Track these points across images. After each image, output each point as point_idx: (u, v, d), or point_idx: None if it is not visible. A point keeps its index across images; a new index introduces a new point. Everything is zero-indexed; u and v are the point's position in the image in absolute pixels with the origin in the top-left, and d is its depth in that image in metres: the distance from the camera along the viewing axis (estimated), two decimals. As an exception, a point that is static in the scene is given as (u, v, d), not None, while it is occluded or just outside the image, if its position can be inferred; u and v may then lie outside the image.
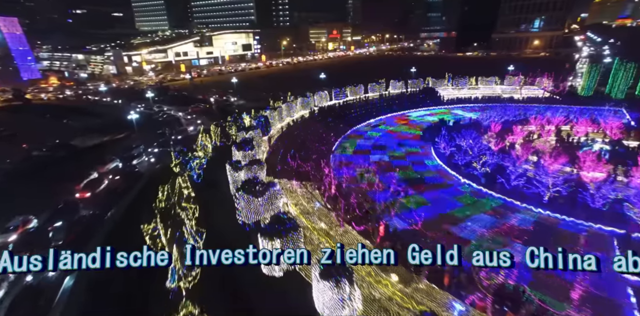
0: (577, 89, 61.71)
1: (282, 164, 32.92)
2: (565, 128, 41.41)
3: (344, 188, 26.70)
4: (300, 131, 45.83)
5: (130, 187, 33.67)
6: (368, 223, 21.96)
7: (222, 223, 23.13)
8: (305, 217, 24.52)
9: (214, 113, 66.07)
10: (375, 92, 66.76)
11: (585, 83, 57.60)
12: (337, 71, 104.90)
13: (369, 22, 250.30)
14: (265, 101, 78.10)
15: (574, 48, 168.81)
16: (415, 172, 33.37)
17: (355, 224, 22.65)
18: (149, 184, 33.05)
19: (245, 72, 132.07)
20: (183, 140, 48.92)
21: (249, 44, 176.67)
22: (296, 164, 30.40)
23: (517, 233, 22.46)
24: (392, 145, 42.09)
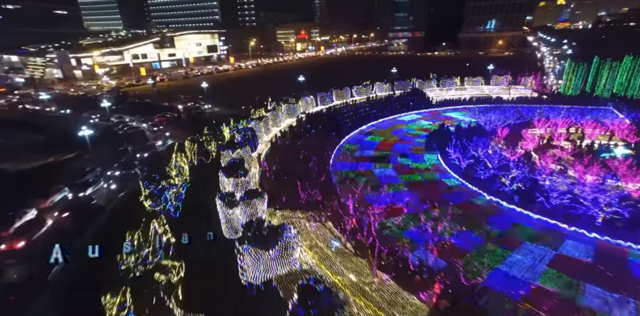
0: (560, 88, 61.76)
1: (280, 188, 27.33)
2: (571, 131, 39.58)
3: (365, 221, 21.77)
4: (290, 144, 40.29)
5: (84, 228, 26.18)
6: (413, 275, 17.25)
7: (220, 284, 17.31)
8: (325, 264, 19.31)
9: (184, 123, 58.39)
10: (362, 94, 62.71)
11: (570, 82, 57.51)
12: (312, 72, 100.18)
13: (337, 22, 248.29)
14: (240, 107, 71.75)
15: (532, 47, 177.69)
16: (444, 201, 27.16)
17: (392, 273, 17.86)
18: (110, 224, 25.91)
19: (213, 75, 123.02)
20: (151, 159, 41.39)
21: (215, 45, 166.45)
22: (300, 189, 24.99)
23: (581, 270, 18.81)
24: (395, 158, 37.76)
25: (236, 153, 29.98)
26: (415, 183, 30.99)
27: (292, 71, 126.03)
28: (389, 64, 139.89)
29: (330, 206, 23.59)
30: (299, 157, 34.61)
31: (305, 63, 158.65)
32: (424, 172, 33.52)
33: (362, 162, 35.99)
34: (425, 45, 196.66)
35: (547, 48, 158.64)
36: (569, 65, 59.56)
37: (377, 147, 40.56)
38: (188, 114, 64.77)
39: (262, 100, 73.41)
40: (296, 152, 36.79)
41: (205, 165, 35.71)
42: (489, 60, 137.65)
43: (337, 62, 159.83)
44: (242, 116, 58.21)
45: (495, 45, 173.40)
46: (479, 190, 28.09)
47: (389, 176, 32.61)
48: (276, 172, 29.90)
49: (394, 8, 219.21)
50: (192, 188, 28.96)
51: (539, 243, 21.07)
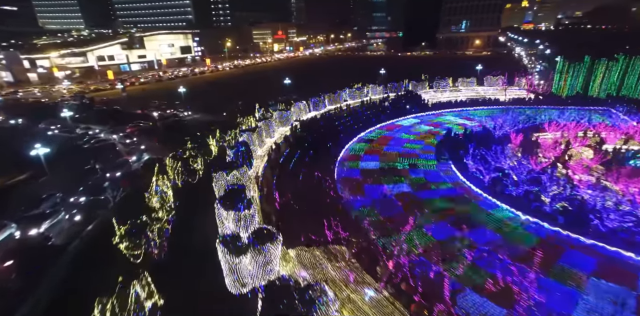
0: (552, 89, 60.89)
1: (290, 220, 22.73)
2: (588, 135, 37.56)
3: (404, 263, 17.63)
4: (287, 159, 35.65)
5: (34, 286, 20.12)
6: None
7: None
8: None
9: (161, 134, 52.09)
10: (355, 98, 58.94)
11: (565, 82, 56.60)
12: (295, 74, 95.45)
13: (313, 22, 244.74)
14: (222, 113, 65.95)
15: (507, 47, 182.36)
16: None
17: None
18: (73, 278, 20.21)
19: (188, 78, 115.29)
20: (125, 179, 35.34)
21: (188, 46, 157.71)
22: (327, 227, 20.51)
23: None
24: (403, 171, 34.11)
25: (232, 174, 25.03)
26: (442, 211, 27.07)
27: (274, 73, 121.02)
28: (372, 65, 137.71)
29: (356, 243, 19.36)
30: (302, 177, 30.08)
31: (285, 64, 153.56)
32: (441, 188, 30.00)
33: (375, 185, 31.66)
34: (404, 45, 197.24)
35: (520, 48, 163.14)
36: (561, 64, 58.69)
37: (381, 158, 36.75)
38: (165, 123, 58.27)
39: (246, 105, 68.17)
40: (296, 169, 32.21)
41: (193, 187, 30.45)
42: (470, 59, 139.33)
43: (318, 62, 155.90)
44: (226, 124, 52.99)
45: (472, 45, 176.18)
46: (515, 210, 24.78)
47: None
48: (285, 200, 25.15)
49: (372, 8, 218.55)
50: (179, 221, 23.76)
51: (609, 279, 17.86)
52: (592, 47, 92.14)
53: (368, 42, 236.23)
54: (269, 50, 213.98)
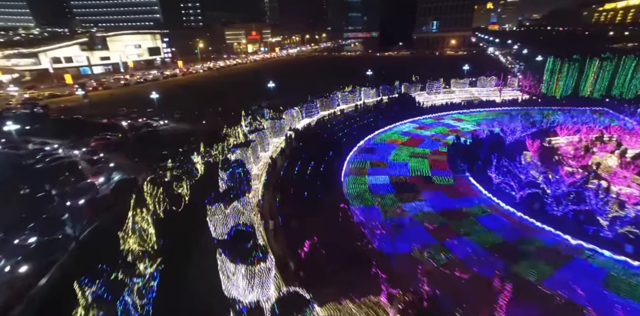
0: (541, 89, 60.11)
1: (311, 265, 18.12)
2: (604, 139, 35.75)
3: None
4: (287, 178, 30.90)
5: None
6: None
7: None
8: None
9: (133, 148, 45.37)
10: (348, 102, 55.03)
11: (558, 82, 55.81)
12: (275, 76, 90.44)
13: (288, 22, 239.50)
14: (201, 122, 59.66)
15: (480, 47, 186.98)
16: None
17: None
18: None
19: (160, 82, 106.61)
20: (91, 208, 29.08)
21: (157, 48, 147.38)
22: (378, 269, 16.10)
23: None
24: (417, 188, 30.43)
25: (231, 206, 20.03)
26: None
27: (253, 75, 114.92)
28: (353, 65, 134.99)
29: (402, 298, 15.13)
30: (312, 203, 25.46)
31: (262, 65, 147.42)
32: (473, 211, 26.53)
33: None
34: (381, 45, 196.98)
35: (493, 48, 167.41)
36: (550, 64, 57.95)
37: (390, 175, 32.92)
38: (137, 134, 51.35)
39: (226, 111, 62.29)
40: (300, 190, 27.54)
41: (178, 218, 25.00)
42: (450, 59, 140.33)
43: (296, 63, 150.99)
44: (209, 135, 47.19)
45: (448, 44, 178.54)
46: (561, 233, 21.64)
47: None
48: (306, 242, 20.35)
49: (347, 8, 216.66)
50: (167, 273, 18.46)
51: None
52: (557, 46, 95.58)
53: (344, 42, 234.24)
54: (243, 51, 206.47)
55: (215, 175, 28.75)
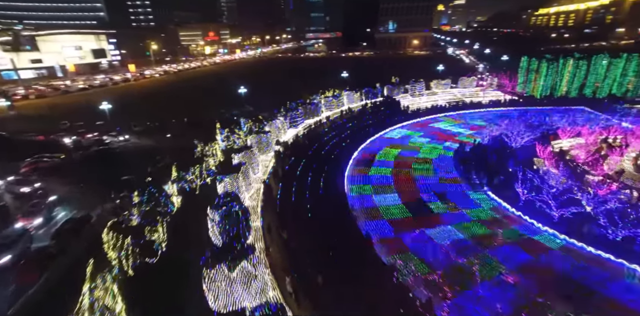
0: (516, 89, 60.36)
1: None
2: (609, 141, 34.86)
3: None
4: (285, 208, 25.72)
5: None
6: None
7: None
8: None
9: (79, 173, 36.98)
10: (333, 108, 50.67)
11: (536, 82, 56.08)
12: (239, 80, 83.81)
13: (246, 22, 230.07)
14: (165, 135, 51.33)
15: (441, 47, 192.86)
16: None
17: None
18: None
19: (108, 89, 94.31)
20: (22, 270, 21.52)
21: (102, 49, 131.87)
22: None
23: None
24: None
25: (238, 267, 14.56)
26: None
27: (216, 79, 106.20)
28: (320, 66, 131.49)
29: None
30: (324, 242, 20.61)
31: (224, 68, 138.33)
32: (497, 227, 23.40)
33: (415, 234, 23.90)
34: (344, 46, 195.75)
35: (452, 48, 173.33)
36: (525, 63, 58.28)
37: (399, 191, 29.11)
38: (85, 154, 42.56)
39: (195, 122, 54.85)
40: (307, 226, 22.55)
41: (153, 278, 18.78)
42: (415, 59, 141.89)
43: (260, 66, 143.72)
44: (178, 152, 40.11)
45: (411, 44, 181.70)
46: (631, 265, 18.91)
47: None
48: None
49: (309, 8, 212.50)
50: None
51: None
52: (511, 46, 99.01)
53: (306, 42, 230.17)
54: (201, 53, 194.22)
55: (198, 209, 22.83)
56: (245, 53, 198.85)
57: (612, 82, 52.47)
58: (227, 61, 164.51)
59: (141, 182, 31.52)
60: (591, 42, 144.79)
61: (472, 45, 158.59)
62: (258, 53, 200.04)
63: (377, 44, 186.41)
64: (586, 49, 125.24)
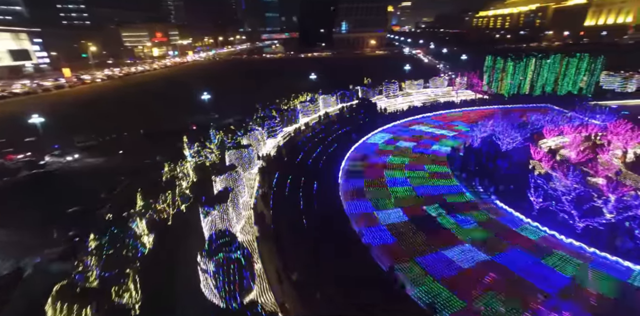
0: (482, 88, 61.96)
1: None
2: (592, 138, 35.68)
3: None
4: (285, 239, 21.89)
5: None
6: None
7: None
8: None
9: (5, 207, 29.47)
10: (309, 113, 47.22)
11: (502, 81, 57.70)
12: (197, 84, 77.22)
13: (196, 22, 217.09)
14: (112, 151, 43.32)
15: (396, 46, 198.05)
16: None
17: None
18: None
19: (37, 96, 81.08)
20: None
21: (24, 50, 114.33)
22: None
23: None
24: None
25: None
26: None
27: (168, 84, 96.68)
28: (280, 67, 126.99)
29: None
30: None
31: (177, 71, 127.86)
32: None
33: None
34: (301, 46, 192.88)
35: (408, 48, 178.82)
36: (490, 62, 59.84)
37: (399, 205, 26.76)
38: (13, 180, 34.37)
39: (154, 134, 47.87)
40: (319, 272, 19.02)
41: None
42: (376, 59, 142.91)
43: (216, 68, 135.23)
44: (139, 171, 33.88)
45: (368, 45, 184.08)
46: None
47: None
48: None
49: (263, 8, 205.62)
50: None
51: None
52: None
53: (262, 43, 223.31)
54: (149, 55, 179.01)
55: (179, 251, 18.17)
56: (198, 55, 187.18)
57: (569, 81, 55.63)
58: (179, 64, 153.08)
59: (94, 215, 25.68)
60: (528, 43, 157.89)
61: (427, 44, 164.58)
62: (212, 55, 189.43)
63: (334, 44, 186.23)
64: (525, 48, 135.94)
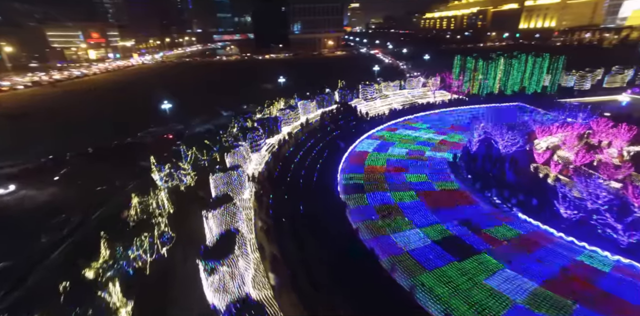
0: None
1: None
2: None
3: None
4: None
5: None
6: None
7: None
8: None
9: None
10: (291, 121, 43.06)
11: (474, 80, 58.41)
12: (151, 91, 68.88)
13: (139, 22, 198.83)
14: (46, 178, 33.98)
15: (352, 47, 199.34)
16: None
17: None
18: None
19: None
20: None
21: None
22: None
23: None
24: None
25: None
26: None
27: (115, 90, 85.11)
28: (238, 71, 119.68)
29: None
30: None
31: (124, 76, 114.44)
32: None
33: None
34: (257, 48, 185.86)
35: (365, 48, 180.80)
36: (459, 61, 60.51)
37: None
38: None
39: (105, 152, 39.84)
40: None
41: None
42: (339, 60, 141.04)
43: (168, 73, 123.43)
44: (92, 203, 27.07)
45: (326, 45, 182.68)
46: None
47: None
48: None
49: (214, 8, 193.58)
50: None
51: None
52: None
53: (215, 45, 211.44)
54: (84, 58, 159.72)
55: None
56: (144, 58, 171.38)
57: (536, 80, 57.96)
58: (124, 68, 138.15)
59: (32, 273, 19.52)
60: (475, 43, 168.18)
61: (384, 45, 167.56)
62: (160, 57, 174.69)
63: (292, 45, 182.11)
64: (472, 49, 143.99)
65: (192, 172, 30.48)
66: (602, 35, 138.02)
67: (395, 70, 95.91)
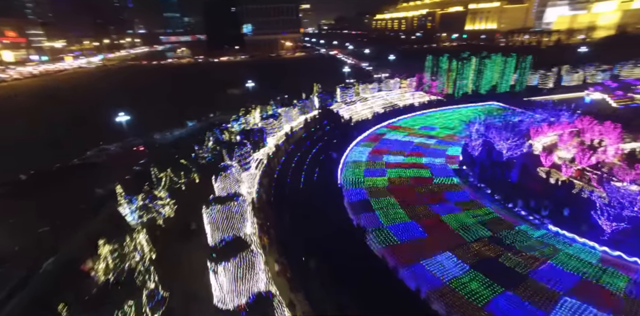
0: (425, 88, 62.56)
1: None
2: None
3: None
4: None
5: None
6: None
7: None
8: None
9: None
10: (274, 131, 38.60)
11: (448, 81, 58.41)
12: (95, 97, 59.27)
13: (68, 19, 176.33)
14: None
15: (310, 48, 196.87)
16: None
17: None
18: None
19: None
20: None
21: None
22: None
23: None
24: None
25: None
26: None
27: (38, 99, 72.01)
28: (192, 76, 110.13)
29: None
30: None
31: (56, 82, 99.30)
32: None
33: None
34: (210, 50, 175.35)
35: (323, 49, 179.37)
36: (430, 62, 60.52)
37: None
38: None
39: (44, 183, 31.62)
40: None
41: None
42: (301, 62, 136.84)
43: (120, 78, 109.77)
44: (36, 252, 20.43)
45: (284, 47, 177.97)
46: None
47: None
48: None
49: (161, 8, 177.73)
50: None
51: None
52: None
53: (163, 47, 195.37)
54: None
55: None
56: (79, 61, 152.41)
57: (507, 79, 59.63)
58: (55, 72, 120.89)
59: None
60: (429, 44, 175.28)
61: (342, 45, 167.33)
62: (100, 61, 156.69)
63: (247, 47, 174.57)
64: (428, 49, 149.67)
65: (171, 200, 25.08)
66: (540, 37, 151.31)
67: (361, 72, 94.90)
